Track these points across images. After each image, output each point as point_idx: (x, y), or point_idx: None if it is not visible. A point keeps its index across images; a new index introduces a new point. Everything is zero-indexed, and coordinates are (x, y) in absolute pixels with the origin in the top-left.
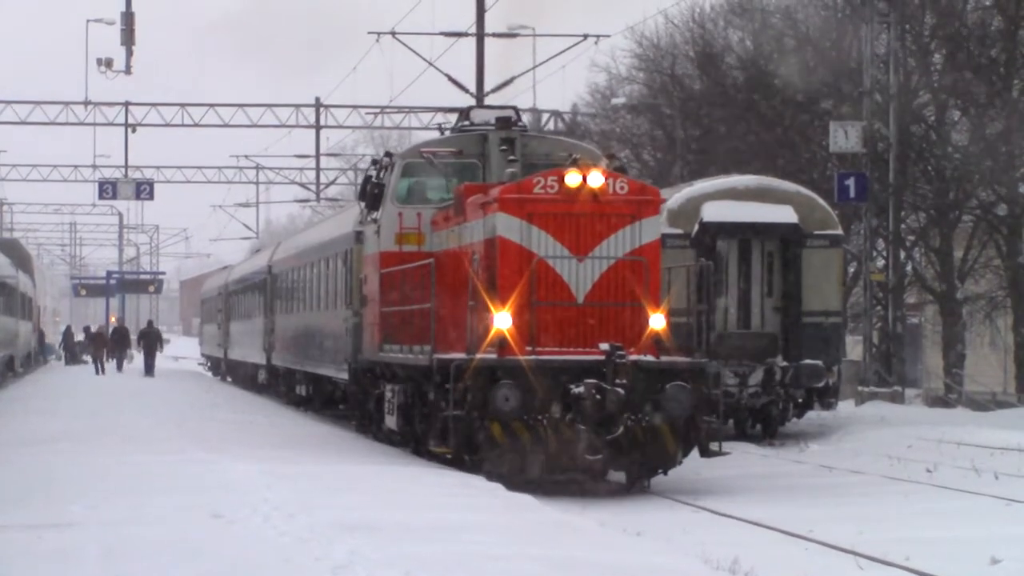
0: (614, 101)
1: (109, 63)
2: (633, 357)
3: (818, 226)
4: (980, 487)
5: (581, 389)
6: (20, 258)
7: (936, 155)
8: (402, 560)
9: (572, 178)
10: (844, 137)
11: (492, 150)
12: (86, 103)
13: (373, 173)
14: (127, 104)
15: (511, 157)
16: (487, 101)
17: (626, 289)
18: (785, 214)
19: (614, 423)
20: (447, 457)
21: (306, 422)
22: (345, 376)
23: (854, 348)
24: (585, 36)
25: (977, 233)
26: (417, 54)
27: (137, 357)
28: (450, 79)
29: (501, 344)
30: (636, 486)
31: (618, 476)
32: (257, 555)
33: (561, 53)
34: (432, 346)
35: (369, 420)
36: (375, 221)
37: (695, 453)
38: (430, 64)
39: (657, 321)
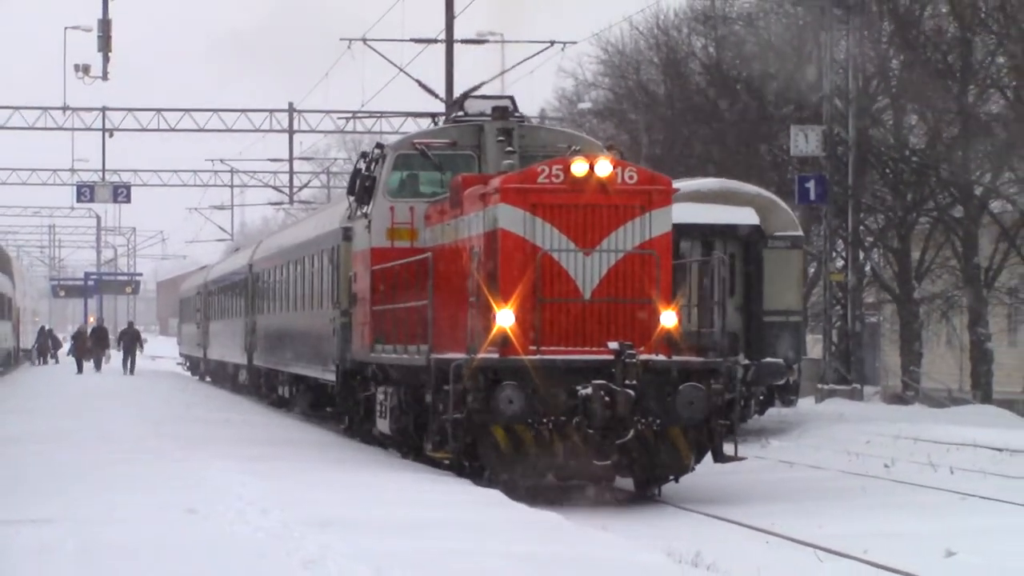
0: (580, 106)
1: (87, 69)
2: (644, 356)
3: (779, 227)
4: (936, 482)
5: (589, 391)
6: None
7: (894, 158)
8: (372, 555)
9: (579, 167)
10: (804, 141)
11: (488, 141)
12: (64, 108)
13: (363, 166)
14: (104, 109)
15: (508, 148)
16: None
17: (636, 284)
18: (747, 216)
19: (624, 427)
20: (445, 462)
21: (287, 423)
22: (331, 377)
23: (814, 346)
24: (552, 43)
25: (934, 235)
26: (388, 60)
27: (116, 356)
28: (420, 84)
29: (504, 343)
30: (646, 494)
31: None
32: (230, 550)
33: (529, 59)
34: (430, 346)
35: (358, 422)
36: (365, 216)
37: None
38: (400, 70)
39: (669, 318)
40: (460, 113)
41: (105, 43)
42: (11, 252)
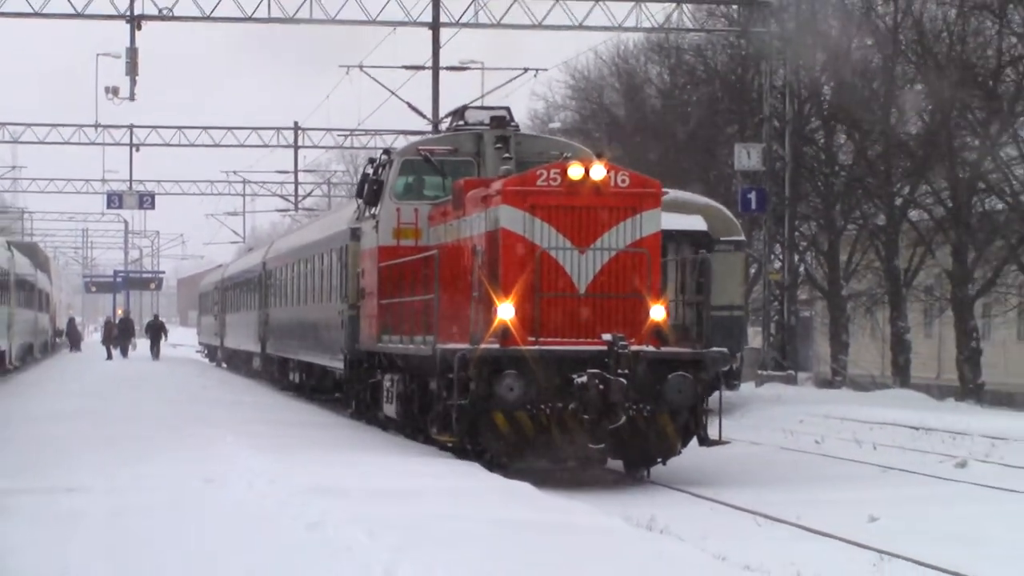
0: (550, 126)
1: (116, 91)
2: (635, 348)
3: (724, 233)
4: (861, 456)
5: (584, 379)
6: (39, 259)
7: (825, 173)
8: (366, 519)
9: (575, 171)
10: (747, 157)
11: (487, 148)
12: (96, 125)
13: (371, 171)
14: (131, 127)
15: (506, 155)
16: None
17: (627, 280)
18: (696, 223)
19: (616, 413)
20: (448, 445)
21: (297, 406)
22: (340, 365)
23: (754, 337)
24: (526, 69)
25: (860, 239)
26: (381, 84)
27: (142, 344)
28: (410, 106)
29: (504, 335)
30: (635, 475)
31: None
32: (243, 514)
33: (506, 84)
34: (435, 336)
35: (363, 407)
36: (373, 217)
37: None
38: (392, 93)
39: (658, 312)
40: (461, 122)
41: (132, 68)
42: (49, 252)
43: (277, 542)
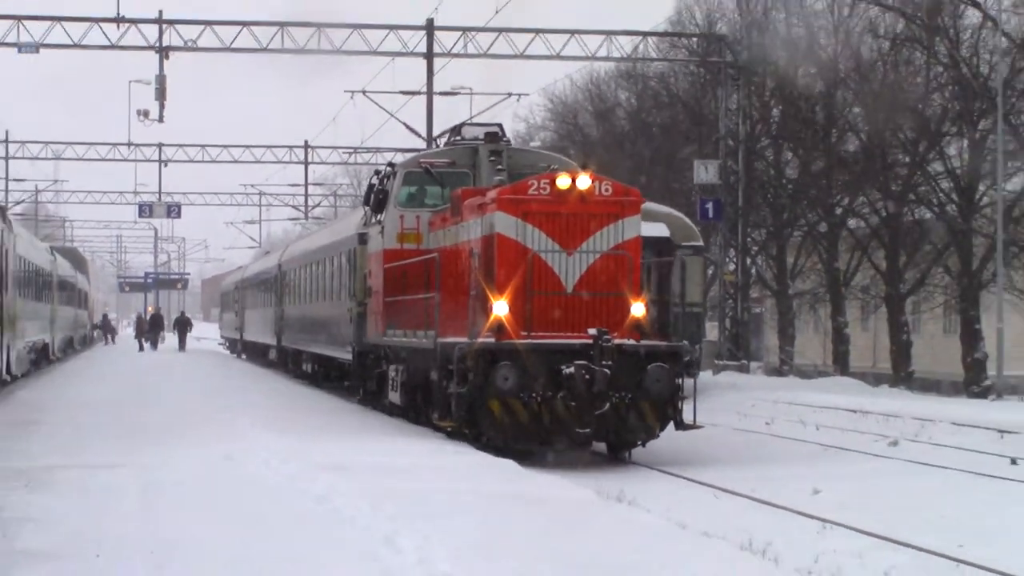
0: (531, 144)
1: (146, 113)
2: (617, 341)
3: (685, 239)
4: (805, 436)
5: (571, 370)
6: (78, 262)
7: (774, 185)
8: (369, 492)
9: (563, 181)
10: (705, 171)
11: (482, 161)
12: (129, 144)
13: (376, 181)
14: (160, 145)
15: (499, 167)
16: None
17: (610, 280)
18: (660, 230)
19: (601, 400)
20: (447, 429)
21: (309, 393)
22: (348, 357)
23: (712, 331)
24: (509, 94)
25: (804, 244)
26: (382, 107)
27: (171, 338)
28: (407, 127)
29: (499, 329)
30: (618, 456)
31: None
32: (258, 488)
33: (491, 107)
34: (436, 331)
35: (370, 394)
36: (379, 223)
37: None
38: (391, 115)
39: (637, 309)
40: (458, 137)
41: (161, 94)
42: (87, 256)
43: (289, 511)
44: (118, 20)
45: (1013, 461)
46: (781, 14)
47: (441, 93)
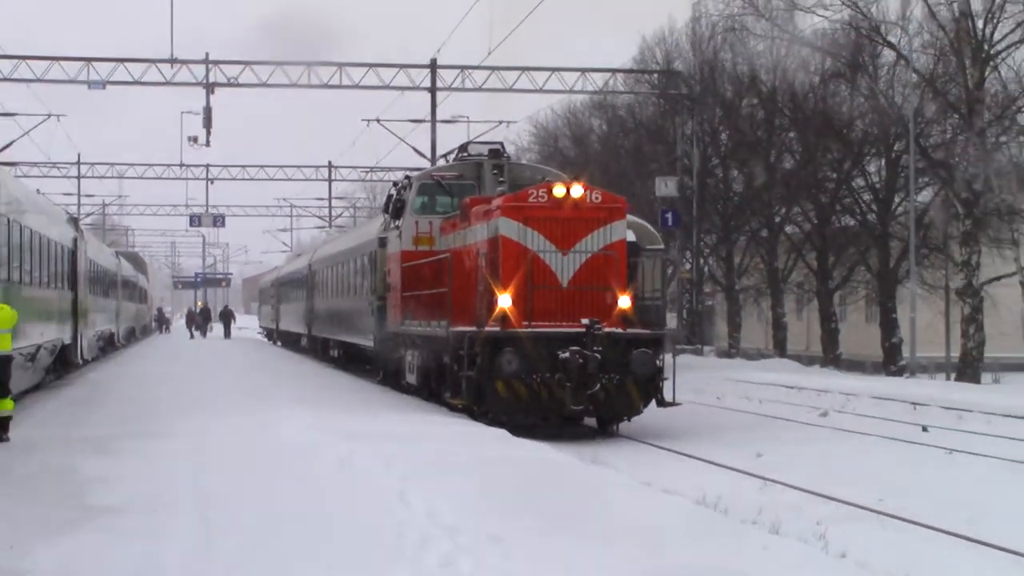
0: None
1: (195, 139)
2: (607, 329)
3: (649, 243)
4: (751, 408)
5: (567, 354)
6: (139, 264)
7: (723, 198)
8: (383, 455)
9: (559, 190)
10: (665, 186)
11: (486, 174)
12: (181, 164)
13: (394, 192)
14: (208, 165)
15: (500, 179)
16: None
17: (600, 276)
18: (629, 235)
19: (592, 381)
20: (459, 406)
21: (335, 375)
22: (370, 343)
23: (671, 320)
24: (500, 122)
25: (748, 247)
26: (393, 133)
27: (217, 328)
28: (415, 150)
29: (504, 320)
30: (607, 430)
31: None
32: (288, 451)
33: (485, 133)
34: (448, 321)
35: (389, 376)
36: (397, 228)
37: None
38: (401, 140)
39: (624, 301)
40: (464, 154)
41: (207, 122)
42: (146, 259)
43: (314, 472)
44: (172, 61)
45: (924, 428)
46: (728, 54)
47: (443, 121)
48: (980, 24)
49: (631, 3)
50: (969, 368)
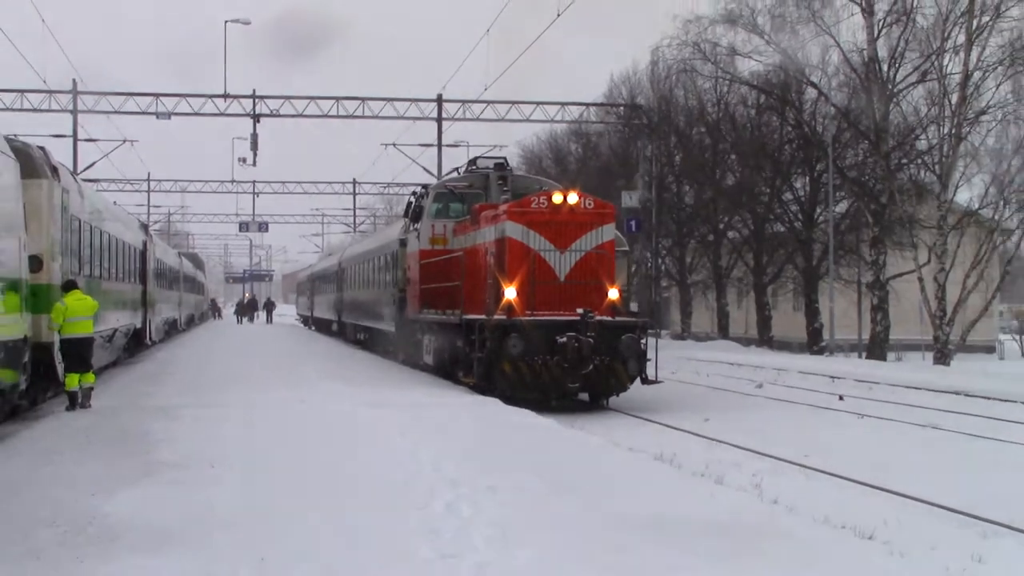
0: None
1: (244, 160)
2: (598, 318)
3: (618, 245)
4: (700, 382)
5: (564, 339)
6: (197, 263)
7: (676, 209)
8: (401, 420)
9: (557, 198)
10: (629, 199)
11: (492, 184)
12: (232, 181)
13: (413, 200)
14: (254, 181)
15: (504, 188)
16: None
17: (592, 272)
18: None
19: (586, 362)
20: (470, 384)
21: (361, 355)
22: (392, 329)
23: (634, 307)
24: (494, 146)
25: (697, 249)
26: (406, 155)
27: (261, 315)
28: (424, 169)
29: (509, 309)
30: (598, 403)
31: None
32: (323, 418)
33: (480, 156)
34: (462, 310)
35: (408, 357)
36: (416, 230)
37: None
38: (413, 160)
39: (613, 293)
40: (473, 167)
41: (254, 146)
42: (203, 258)
43: (342, 433)
44: (225, 96)
45: (840, 397)
46: (681, 91)
47: (448, 145)
48: (885, 68)
49: (601, 48)
50: (877, 348)
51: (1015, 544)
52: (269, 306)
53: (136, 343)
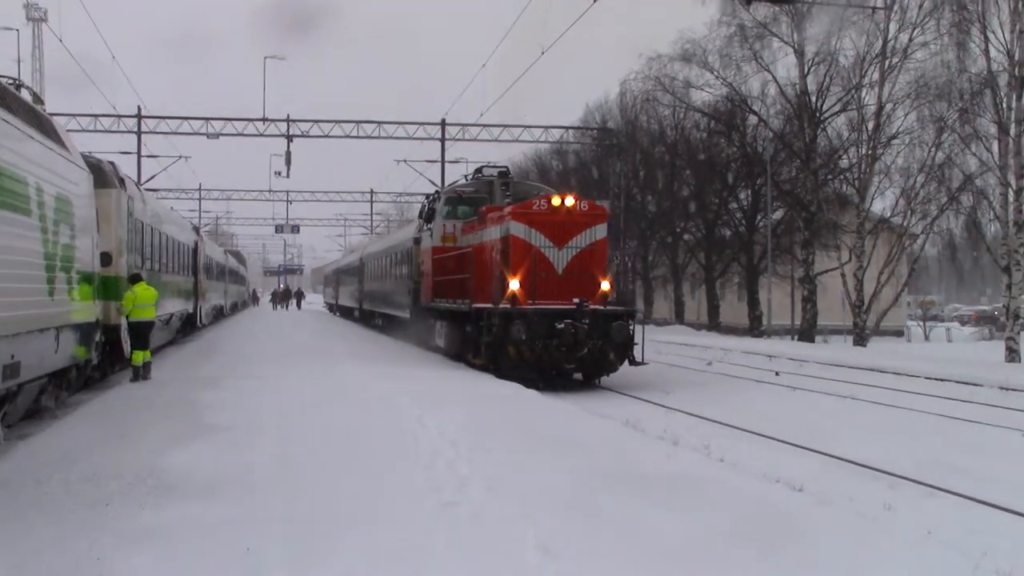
0: None
1: (279, 173)
2: (592, 306)
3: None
4: (660, 360)
5: (562, 325)
6: (240, 259)
7: (641, 216)
8: (409, 391)
9: (556, 200)
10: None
11: (496, 189)
12: (269, 190)
13: (427, 203)
14: (288, 191)
15: (507, 193)
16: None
17: (587, 266)
18: None
19: (581, 346)
20: (479, 365)
21: (380, 338)
22: (408, 315)
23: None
24: (488, 163)
25: (658, 249)
26: (415, 170)
27: (292, 303)
28: (430, 182)
29: (514, 299)
30: (591, 382)
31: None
32: (342, 389)
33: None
34: (471, 299)
35: (422, 340)
36: (429, 230)
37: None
38: (420, 174)
39: (605, 285)
40: (479, 174)
41: (287, 162)
42: (245, 255)
43: (359, 401)
44: (263, 120)
45: (776, 373)
46: (645, 117)
47: (450, 161)
48: (814, 99)
49: (580, 81)
50: (807, 332)
51: (917, 494)
52: (299, 295)
53: (189, 325)
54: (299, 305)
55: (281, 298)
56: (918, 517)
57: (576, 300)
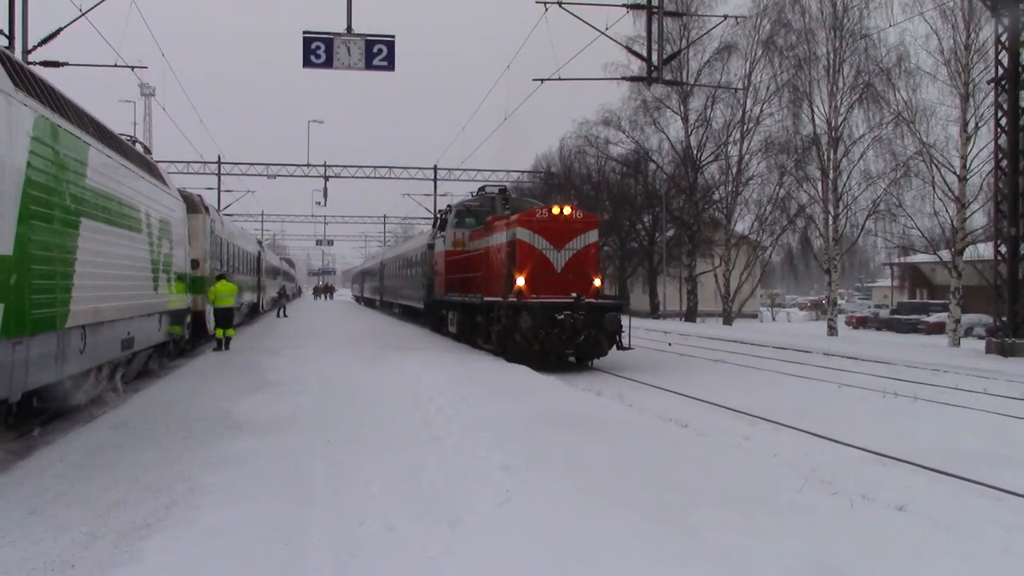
0: None
1: (319, 202)
2: (587, 300)
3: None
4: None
5: (562, 317)
6: (291, 263)
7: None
8: (429, 367)
9: (555, 210)
10: None
11: (497, 204)
12: (311, 215)
13: (440, 215)
14: (325, 216)
15: (507, 207)
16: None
17: (581, 265)
18: None
19: (578, 334)
20: (489, 349)
21: (399, 324)
22: (422, 306)
23: None
24: (469, 194)
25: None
26: (416, 201)
27: (326, 295)
28: (427, 210)
29: (520, 293)
30: (585, 365)
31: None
32: (367, 358)
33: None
34: (482, 293)
35: (435, 327)
36: (442, 236)
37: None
38: (419, 204)
39: (597, 282)
40: (483, 192)
41: (324, 195)
42: (295, 260)
43: (380, 369)
44: (307, 165)
45: (670, 344)
46: (578, 163)
47: (441, 195)
48: (695, 151)
49: (532, 138)
50: (691, 315)
51: (769, 429)
52: (331, 290)
53: (255, 311)
54: (331, 296)
55: (320, 291)
56: (768, 444)
57: (573, 294)
